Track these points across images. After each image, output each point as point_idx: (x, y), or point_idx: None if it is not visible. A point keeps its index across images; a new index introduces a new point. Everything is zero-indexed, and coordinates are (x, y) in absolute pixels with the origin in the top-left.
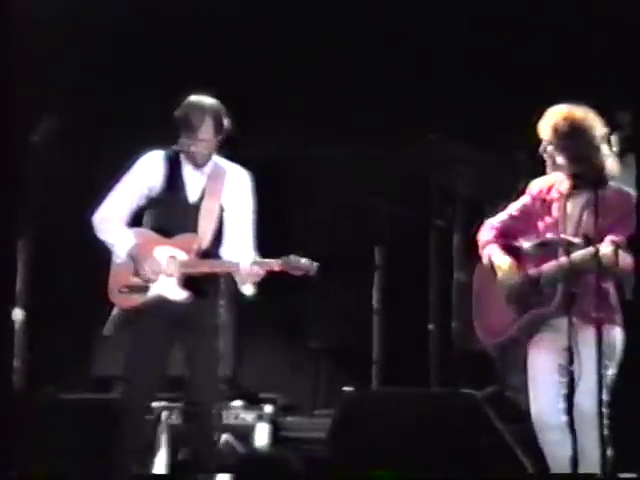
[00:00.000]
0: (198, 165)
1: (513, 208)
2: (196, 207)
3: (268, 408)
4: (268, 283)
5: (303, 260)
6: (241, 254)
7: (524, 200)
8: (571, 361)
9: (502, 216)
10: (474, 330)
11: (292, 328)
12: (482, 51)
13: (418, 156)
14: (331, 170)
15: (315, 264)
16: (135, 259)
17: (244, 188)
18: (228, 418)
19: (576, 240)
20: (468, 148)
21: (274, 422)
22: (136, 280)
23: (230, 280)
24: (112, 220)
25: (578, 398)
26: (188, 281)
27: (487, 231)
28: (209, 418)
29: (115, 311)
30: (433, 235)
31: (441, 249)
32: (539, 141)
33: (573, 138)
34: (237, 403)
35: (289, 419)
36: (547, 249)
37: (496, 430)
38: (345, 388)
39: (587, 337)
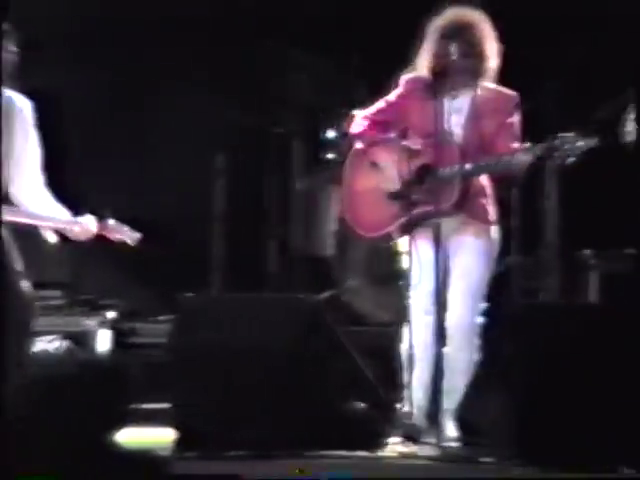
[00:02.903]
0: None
1: (385, 101)
2: None
3: (110, 314)
4: None
5: (124, 228)
6: (36, 199)
7: (397, 93)
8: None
9: (374, 109)
10: (310, 237)
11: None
12: None
13: (257, 63)
14: (168, 80)
15: (136, 235)
16: None
17: (32, 123)
18: (69, 325)
19: (416, 147)
20: (305, 54)
21: (115, 328)
22: None
23: None
24: None
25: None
26: None
27: (359, 123)
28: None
29: None
30: (272, 142)
31: (280, 156)
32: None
33: (465, 31)
34: (78, 309)
35: (130, 325)
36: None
37: (333, 332)
38: (185, 294)
39: (473, 238)
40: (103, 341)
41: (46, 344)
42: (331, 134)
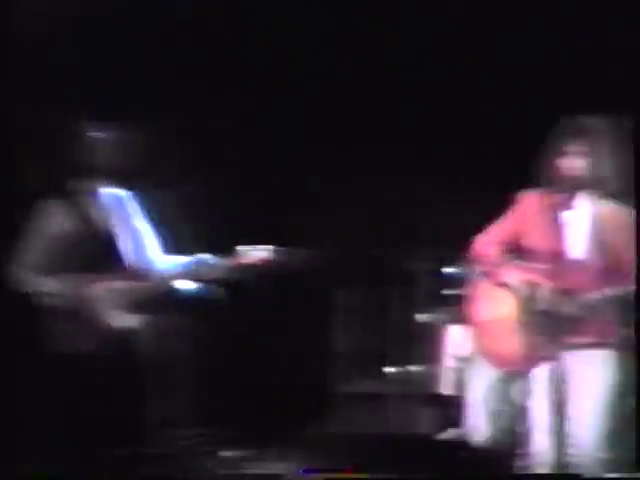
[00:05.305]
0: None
1: (506, 221)
2: (113, 238)
3: None
4: None
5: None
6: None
7: (516, 213)
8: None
9: (494, 230)
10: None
11: None
12: None
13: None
14: None
15: (268, 248)
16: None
17: (135, 207)
18: None
19: (547, 268)
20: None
21: None
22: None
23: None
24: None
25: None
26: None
27: (488, 247)
28: None
29: None
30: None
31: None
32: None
33: (593, 145)
34: None
35: None
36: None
37: None
38: None
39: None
40: None
41: None
42: (455, 269)
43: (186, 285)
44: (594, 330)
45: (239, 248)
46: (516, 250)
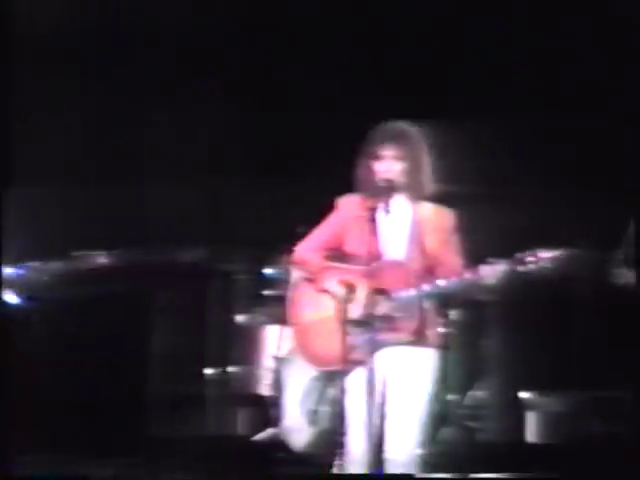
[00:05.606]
0: None
1: (326, 226)
2: None
3: None
4: None
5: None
6: None
7: (336, 216)
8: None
9: (314, 235)
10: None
11: None
12: None
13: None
14: None
15: None
16: None
17: None
18: None
19: (365, 270)
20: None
21: None
22: None
23: None
24: None
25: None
26: None
27: (302, 252)
28: None
29: None
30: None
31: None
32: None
33: (407, 149)
34: None
35: None
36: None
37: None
38: None
39: (418, 362)
40: None
41: None
42: (272, 270)
43: (10, 296)
44: (410, 328)
45: (74, 254)
46: (338, 254)
